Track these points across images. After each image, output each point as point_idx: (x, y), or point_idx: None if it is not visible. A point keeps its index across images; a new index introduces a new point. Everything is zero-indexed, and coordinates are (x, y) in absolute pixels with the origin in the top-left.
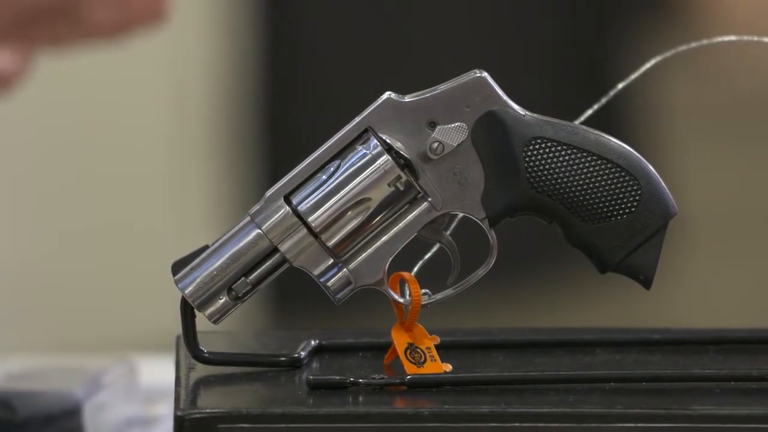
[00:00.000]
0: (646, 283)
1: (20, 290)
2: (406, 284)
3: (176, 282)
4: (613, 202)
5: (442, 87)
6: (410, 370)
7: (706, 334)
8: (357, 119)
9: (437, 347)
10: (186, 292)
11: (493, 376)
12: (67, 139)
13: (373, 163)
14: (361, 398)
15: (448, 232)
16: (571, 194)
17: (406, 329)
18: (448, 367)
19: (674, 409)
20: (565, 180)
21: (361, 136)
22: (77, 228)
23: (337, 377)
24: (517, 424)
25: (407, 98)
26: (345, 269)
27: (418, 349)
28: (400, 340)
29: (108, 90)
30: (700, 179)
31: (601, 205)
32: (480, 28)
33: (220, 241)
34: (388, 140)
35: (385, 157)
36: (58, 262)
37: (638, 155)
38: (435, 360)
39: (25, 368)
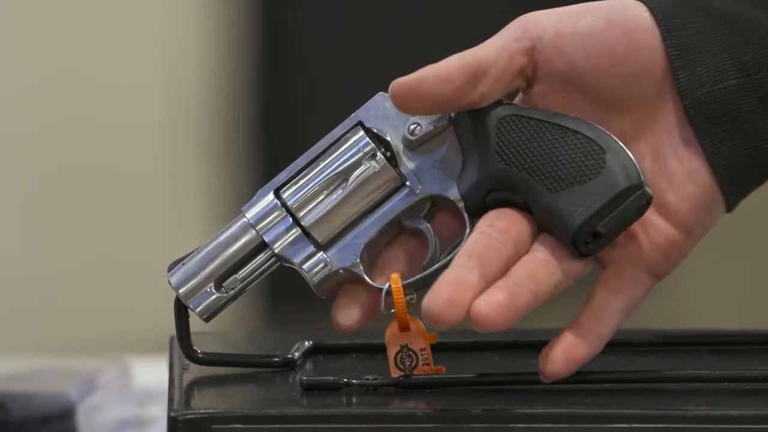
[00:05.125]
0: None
1: (13, 291)
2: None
3: (168, 278)
4: (576, 168)
5: None
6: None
7: (700, 335)
8: (349, 117)
9: (432, 347)
10: (176, 287)
11: (487, 377)
12: (60, 139)
13: (357, 151)
14: (354, 399)
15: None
16: (535, 163)
17: (401, 329)
18: (441, 371)
19: (668, 409)
20: (530, 150)
21: (350, 130)
22: (71, 229)
23: (331, 378)
24: (510, 425)
25: None
26: (323, 254)
27: (412, 352)
28: (392, 342)
29: (102, 89)
30: None
31: (564, 171)
32: (477, 28)
33: (212, 237)
34: (373, 129)
35: (369, 145)
36: (51, 263)
37: (609, 132)
38: (427, 364)
39: (19, 369)
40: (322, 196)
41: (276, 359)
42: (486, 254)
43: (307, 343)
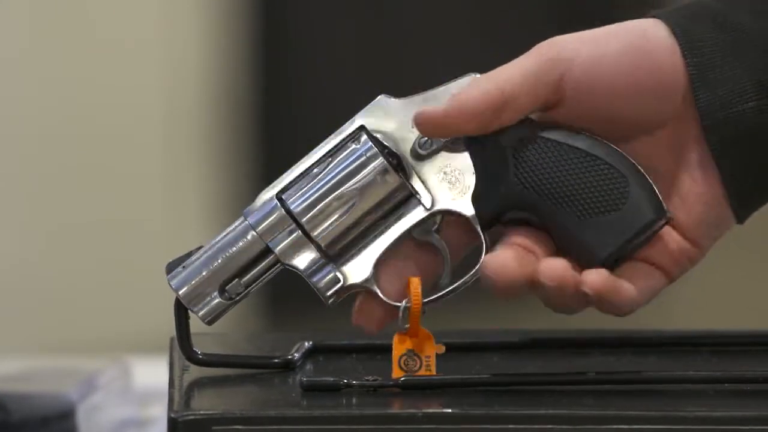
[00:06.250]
0: None
1: (14, 291)
2: (409, 287)
3: (169, 282)
4: (600, 198)
5: (436, 88)
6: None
7: (701, 336)
8: (351, 120)
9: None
10: (179, 292)
11: (488, 378)
12: (60, 139)
13: (364, 160)
14: (354, 400)
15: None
16: (558, 189)
17: (410, 335)
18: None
19: (669, 411)
20: (551, 175)
21: (354, 135)
22: (71, 229)
23: (331, 379)
24: (511, 426)
25: (400, 99)
26: (333, 267)
27: (416, 357)
28: (399, 345)
29: (102, 89)
30: None
31: (588, 200)
32: (477, 28)
33: (214, 240)
34: (380, 138)
35: (377, 154)
36: (51, 263)
37: (629, 157)
38: (430, 370)
39: (19, 370)
40: (334, 212)
41: (276, 360)
42: (515, 264)
43: (306, 344)
